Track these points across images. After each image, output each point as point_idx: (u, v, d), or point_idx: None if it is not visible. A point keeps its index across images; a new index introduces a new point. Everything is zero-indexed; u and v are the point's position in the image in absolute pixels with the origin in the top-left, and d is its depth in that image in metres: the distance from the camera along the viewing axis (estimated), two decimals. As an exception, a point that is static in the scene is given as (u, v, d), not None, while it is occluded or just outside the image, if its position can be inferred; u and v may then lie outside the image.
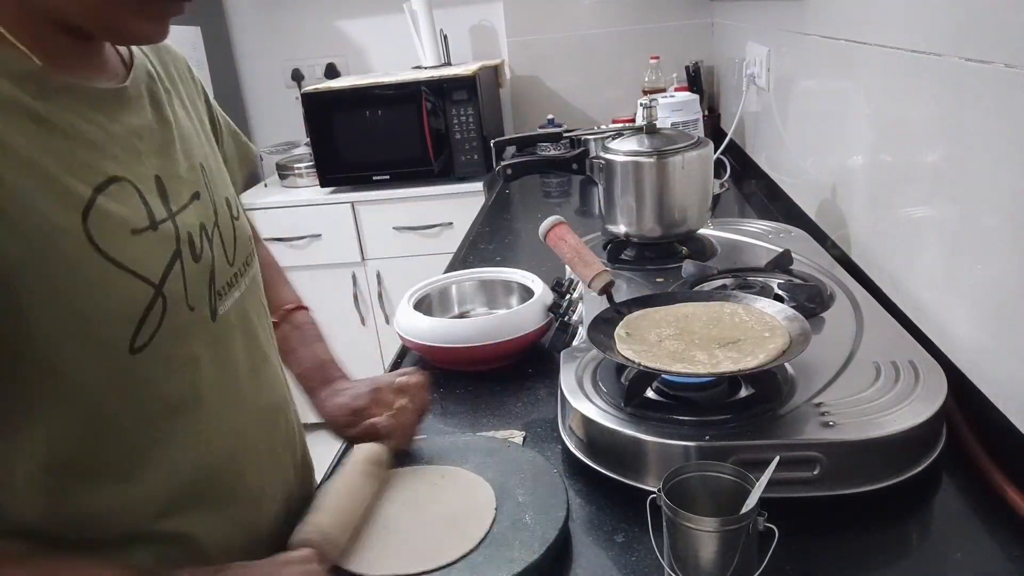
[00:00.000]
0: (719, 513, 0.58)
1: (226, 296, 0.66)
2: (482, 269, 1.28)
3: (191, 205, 0.64)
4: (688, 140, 1.16)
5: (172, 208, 0.61)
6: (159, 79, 0.68)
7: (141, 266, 0.55)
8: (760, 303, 0.86)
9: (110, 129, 0.58)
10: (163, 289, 0.57)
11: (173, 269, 0.58)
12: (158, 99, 0.66)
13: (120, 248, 0.54)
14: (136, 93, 0.63)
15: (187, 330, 0.60)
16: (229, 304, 0.67)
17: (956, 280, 0.84)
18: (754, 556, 0.59)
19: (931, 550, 0.67)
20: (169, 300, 0.57)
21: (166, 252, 0.58)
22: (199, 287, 0.62)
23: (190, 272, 0.60)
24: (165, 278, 0.57)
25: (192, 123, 0.71)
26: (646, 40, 2.71)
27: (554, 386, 0.96)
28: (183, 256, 0.60)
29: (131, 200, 0.57)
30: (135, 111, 0.62)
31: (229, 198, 0.71)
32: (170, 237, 0.59)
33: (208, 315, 0.63)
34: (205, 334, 0.63)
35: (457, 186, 2.43)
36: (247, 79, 2.99)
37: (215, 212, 0.67)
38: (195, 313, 0.61)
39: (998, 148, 0.72)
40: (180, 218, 0.61)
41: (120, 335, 0.54)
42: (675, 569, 0.60)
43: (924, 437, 0.72)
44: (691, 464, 0.64)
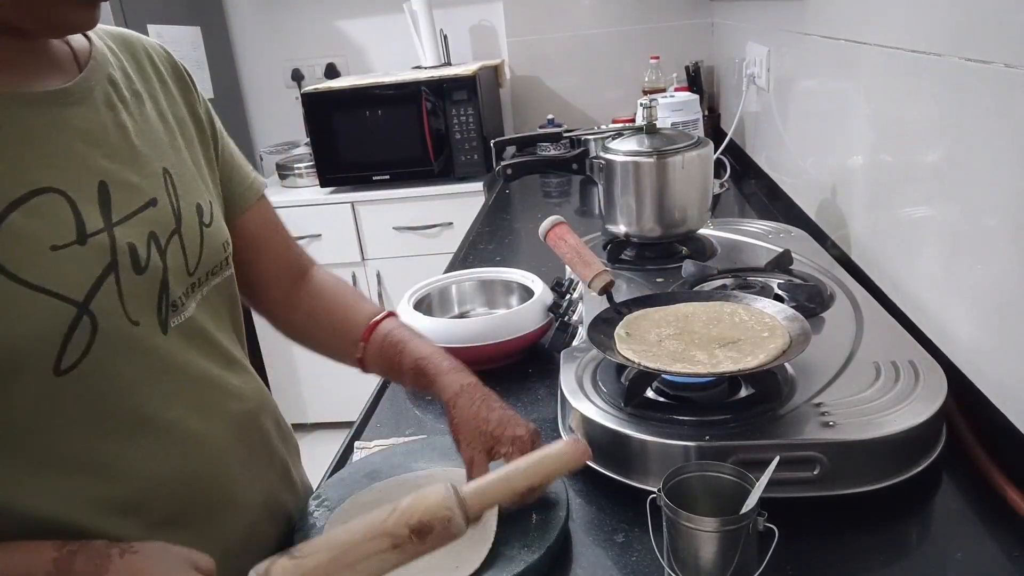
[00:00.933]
0: (719, 513, 0.58)
1: (182, 307, 0.64)
2: (482, 269, 1.28)
3: (142, 212, 0.61)
4: (688, 140, 1.16)
5: (113, 217, 0.58)
6: (127, 80, 0.65)
7: (60, 284, 0.53)
8: (760, 303, 0.86)
9: (50, 134, 0.56)
10: (89, 306, 0.54)
11: (104, 283, 0.56)
12: (115, 101, 0.63)
13: (34, 268, 0.52)
14: (84, 93, 0.60)
15: (132, 344, 0.58)
16: (187, 314, 0.64)
17: (956, 280, 0.84)
18: (754, 556, 0.59)
19: (931, 550, 0.67)
20: (100, 316, 0.55)
21: (95, 266, 0.56)
22: (142, 300, 0.59)
23: (130, 285, 0.58)
24: (93, 294, 0.55)
25: (166, 125, 0.68)
26: (646, 40, 2.71)
27: (554, 386, 0.96)
28: (119, 268, 0.57)
29: (57, 213, 0.54)
30: (83, 112, 0.59)
31: (201, 204, 0.68)
32: (103, 249, 0.56)
33: (156, 327, 0.61)
34: (155, 347, 0.60)
35: (457, 186, 2.43)
36: (247, 79, 2.99)
37: (177, 219, 0.64)
38: (141, 327, 0.59)
39: (998, 148, 0.72)
40: (121, 228, 0.58)
41: (42, 357, 0.52)
42: (675, 569, 0.60)
43: (924, 437, 0.72)
44: (691, 464, 0.64)
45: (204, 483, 0.65)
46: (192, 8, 2.63)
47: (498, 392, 1.00)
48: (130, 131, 0.63)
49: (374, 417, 0.99)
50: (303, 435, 2.79)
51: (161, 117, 0.68)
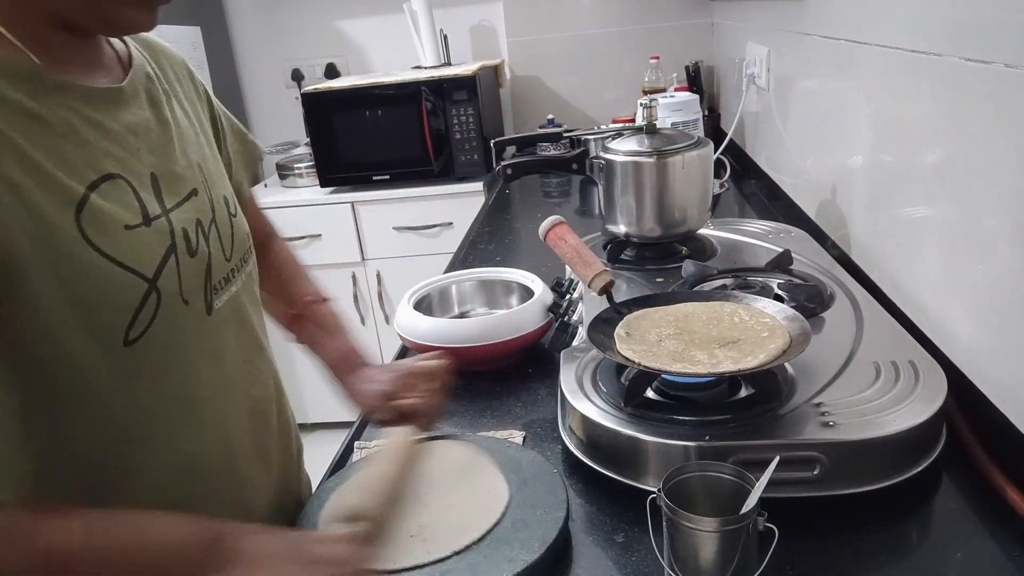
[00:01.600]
0: (719, 513, 0.58)
1: (222, 290, 0.68)
2: (482, 269, 1.28)
3: (187, 202, 0.65)
4: (688, 140, 1.16)
5: (167, 205, 0.62)
6: (158, 80, 0.69)
7: (135, 261, 0.57)
8: (760, 303, 0.86)
9: (107, 127, 0.59)
10: (157, 283, 0.58)
11: (167, 264, 0.60)
12: (156, 99, 0.67)
13: (114, 243, 0.56)
14: (133, 93, 0.64)
15: (182, 323, 0.62)
16: (225, 298, 0.68)
17: (956, 280, 0.84)
18: (754, 556, 0.59)
19: (931, 550, 0.67)
20: (163, 294, 0.59)
21: (160, 247, 0.60)
22: (194, 281, 0.63)
23: (185, 267, 0.62)
24: (159, 273, 0.59)
25: (191, 124, 0.72)
26: (646, 40, 2.71)
27: (554, 386, 0.96)
28: (178, 251, 0.61)
29: (125, 197, 0.58)
30: (132, 110, 0.63)
31: (227, 196, 0.73)
32: (164, 232, 0.61)
33: (203, 309, 0.65)
34: (200, 327, 0.64)
35: (457, 186, 2.43)
36: (247, 79, 2.99)
37: (212, 209, 0.68)
38: (190, 307, 0.63)
39: (998, 148, 0.72)
40: (175, 214, 0.63)
41: (115, 327, 0.56)
42: (675, 569, 0.60)
43: (924, 437, 0.72)
44: (691, 464, 0.64)
45: (227, 464, 0.68)
46: (192, 8, 2.63)
47: (498, 392, 1.00)
48: (170, 127, 0.67)
49: (374, 417, 0.99)
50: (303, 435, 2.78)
51: (186, 115, 0.72)
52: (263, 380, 0.75)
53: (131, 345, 0.57)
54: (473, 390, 1.02)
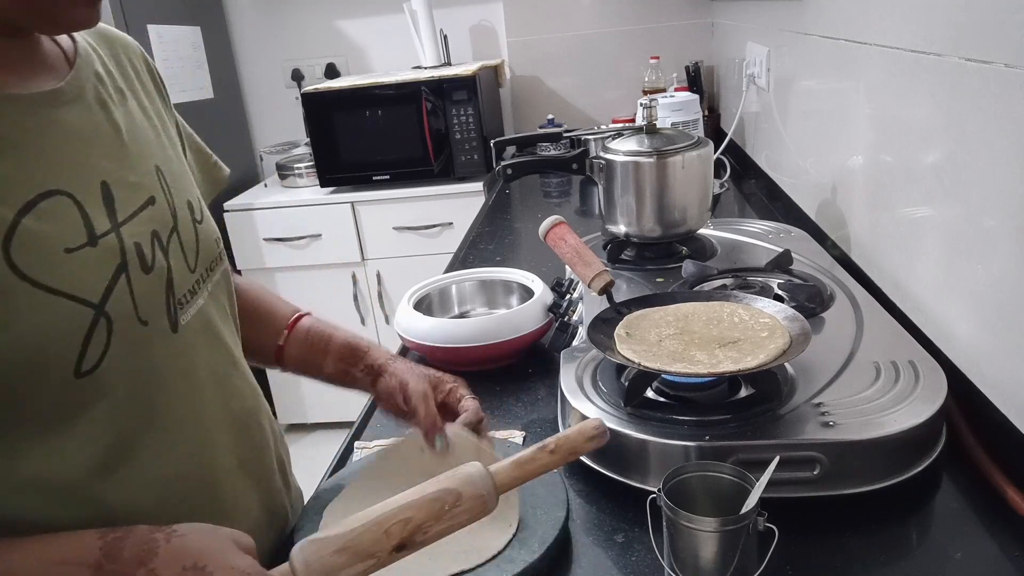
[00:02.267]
0: (719, 513, 0.58)
1: (188, 304, 0.64)
2: (482, 269, 1.28)
3: (143, 212, 0.60)
4: (688, 140, 1.16)
5: (118, 217, 0.58)
6: (109, 77, 0.64)
7: (77, 287, 0.53)
8: (760, 303, 0.86)
9: (47, 134, 0.55)
10: (105, 308, 0.54)
11: (117, 285, 0.55)
12: (107, 99, 0.62)
13: (51, 271, 0.51)
14: (77, 93, 0.59)
15: (143, 345, 0.58)
16: (192, 312, 0.64)
17: (956, 280, 0.84)
18: (754, 556, 0.59)
19: (931, 550, 0.67)
20: (115, 318, 0.55)
21: (107, 268, 0.55)
22: (152, 299, 0.59)
23: (140, 285, 0.58)
24: (107, 296, 0.54)
25: (151, 124, 0.68)
26: (646, 40, 2.71)
27: (554, 386, 0.96)
28: (129, 269, 0.57)
29: (67, 215, 0.54)
30: (77, 112, 0.58)
31: (192, 201, 0.68)
32: (113, 251, 0.56)
33: (167, 327, 0.61)
34: (165, 347, 0.60)
35: (457, 186, 2.43)
36: (247, 79, 2.99)
37: (174, 216, 0.64)
38: (150, 327, 0.58)
39: (998, 148, 0.72)
40: (127, 228, 0.58)
41: (63, 360, 0.52)
42: (675, 569, 0.60)
43: (924, 437, 0.72)
44: (691, 464, 0.64)
45: (208, 484, 0.64)
46: (192, 8, 2.63)
47: (498, 392, 1.00)
48: (122, 129, 0.62)
49: (374, 417, 0.99)
50: (303, 435, 2.79)
51: (145, 114, 0.67)
52: (241, 393, 0.71)
53: (85, 376, 0.53)
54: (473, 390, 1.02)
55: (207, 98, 2.67)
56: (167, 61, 2.42)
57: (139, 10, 2.28)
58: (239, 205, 2.52)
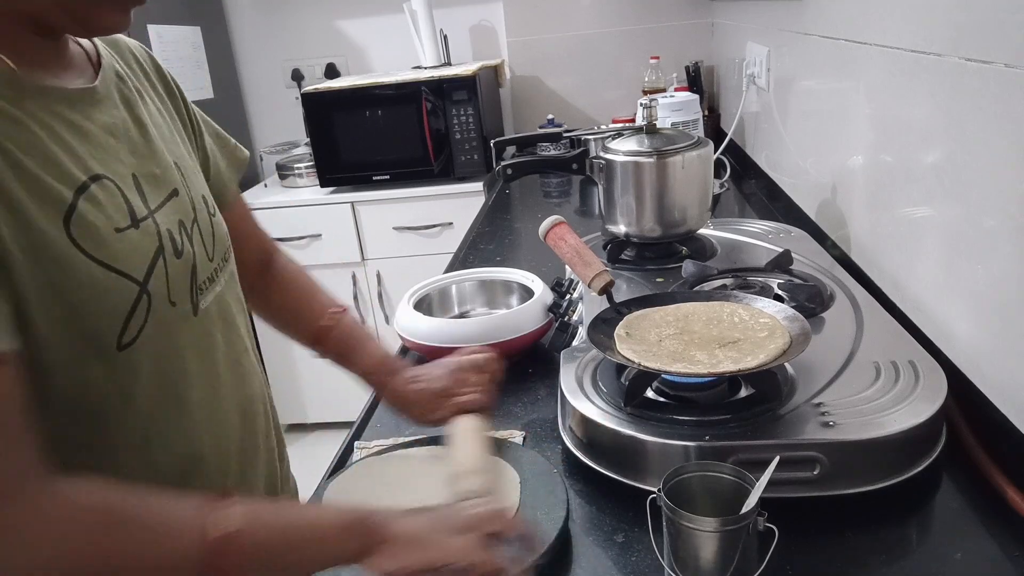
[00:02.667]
0: (719, 513, 0.58)
1: (207, 291, 0.67)
2: (482, 269, 1.28)
3: (169, 203, 0.64)
4: (688, 140, 1.16)
5: (151, 206, 0.62)
6: (128, 79, 0.68)
7: (126, 264, 0.56)
8: (760, 303, 0.86)
9: (85, 128, 0.58)
10: (147, 286, 0.58)
11: (156, 266, 0.59)
12: (129, 99, 0.66)
13: (105, 248, 0.55)
14: (106, 93, 0.63)
15: (171, 326, 0.61)
16: (210, 298, 0.68)
17: (956, 280, 0.84)
18: (754, 556, 0.59)
19: (931, 550, 0.67)
20: (153, 297, 0.58)
21: (149, 249, 0.59)
22: (181, 283, 0.63)
23: (172, 268, 0.61)
24: (149, 275, 0.58)
25: (165, 122, 0.71)
26: (646, 40, 2.71)
27: (554, 386, 0.96)
28: (165, 253, 0.61)
29: (113, 199, 0.58)
30: (107, 110, 0.62)
31: (205, 195, 0.72)
32: (152, 234, 0.60)
33: (190, 310, 0.64)
34: (188, 329, 0.64)
35: (457, 186, 2.43)
36: (247, 79, 2.99)
37: (193, 209, 0.68)
38: (177, 309, 0.62)
39: (998, 148, 0.72)
40: (159, 215, 0.62)
41: (109, 332, 0.55)
42: (675, 569, 0.60)
43: (924, 437, 0.72)
44: (691, 464, 0.64)
45: (222, 465, 0.68)
46: (192, 8, 2.62)
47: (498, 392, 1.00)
48: (146, 126, 0.66)
49: (374, 417, 0.99)
50: (303, 435, 2.79)
51: (160, 113, 0.71)
52: (251, 380, 0.75)
53: (125, 349, 0.56)
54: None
55: (207, 98, 2.67)
56: (167, 61, 2.40)
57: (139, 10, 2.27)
58: (239, 205, 2.52)
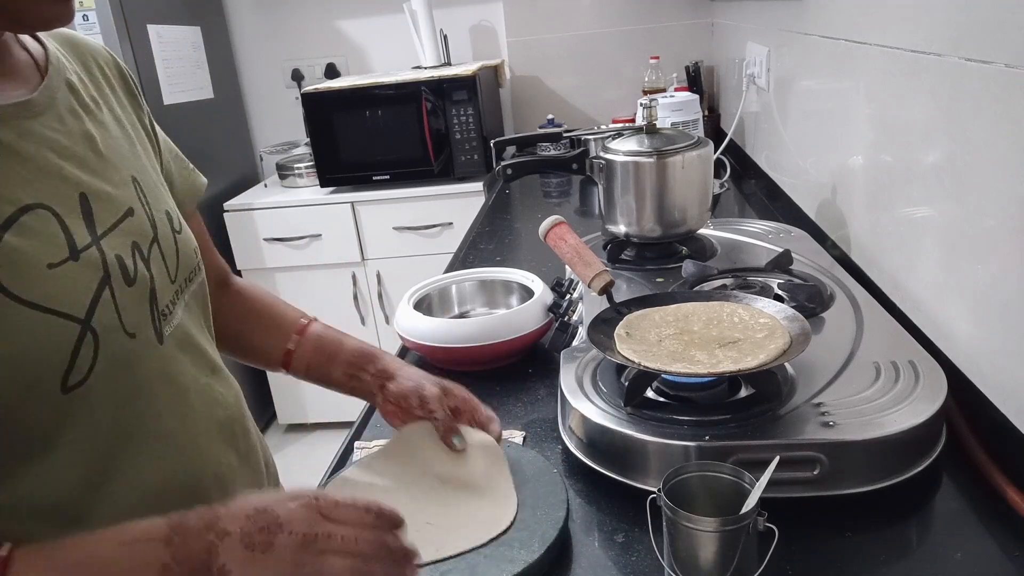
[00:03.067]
0: (719, 513, 0.58)
1: (171, 315, 0.63)
2: (482, 269, 1.28)
3: (123, 223, 0.60)
4: (688, 140, 1.16)
5: (98, 230, 0.57)
6: (82, 86, 0.63)
7: (62, 302, 0.52)
8: (760, 303, 0.86)
9: (21, 148, 0.54)
10: (91, 322, 0.53)
11: (102, 298, 0.55)
12: (78, 109, 0.61)
13: (35, 287, 0.51)
14: (49, 103, 0.58)
15: (131, 357, 0.57)
16: (175, 323, 0.64)
17: (956, 280, 0.84)
18: (754, 556, 0.59)
19: (931, 550, 0.67)
20: (101, 332, 0.54)
21: (91, 281, 0.54)
22: (137, 312, 0.58)
23: (123, 298, 0.57)
24: (92, 310, 0.54)
25: (125, 133, 0.66)
26: (646, 40, 2.72)
27: (554, 386, 0.96)
28: (112, 282, 0.56)
29: (47, 229, 0.53)
30: (50, 124, 0.57)
31: (170, 211, 0.67)
32: (95, 264, 0.55)
33: (153, 338, 0.60)
34: (152, 358, 0.60)
35: (457, 186, 2.43)
36: (247, 79, 2.99)
37: (153, 227, 0.63)
38: (137, 340, 0.58)
39: (998, 148, 0.72)
40: (108, 240, 0.57)
41: (51, 377, 0.51)
42: (675, 569, 0.60)
43: (924, 437, 0.72)
44: (691, 464, 0.64)
45: (202, 490, 0.64)
46: (192, 8, 2.63)
47: (498, 392, 1.00)
48: (97, 140, 0.61)
49: (374, 417, 0.99)
50: (303, 435, 2.79)
51: (119, 124, 0.66)
52: (224, 401, 0.70)
53: (72, 391, 0.52)
54: (473, 390, 1.02)
55: (207, 98, 2.67)
56: (167, 61, 2.41)
57: (139, 10, 2.28)
58: (239, 205, 2.52)
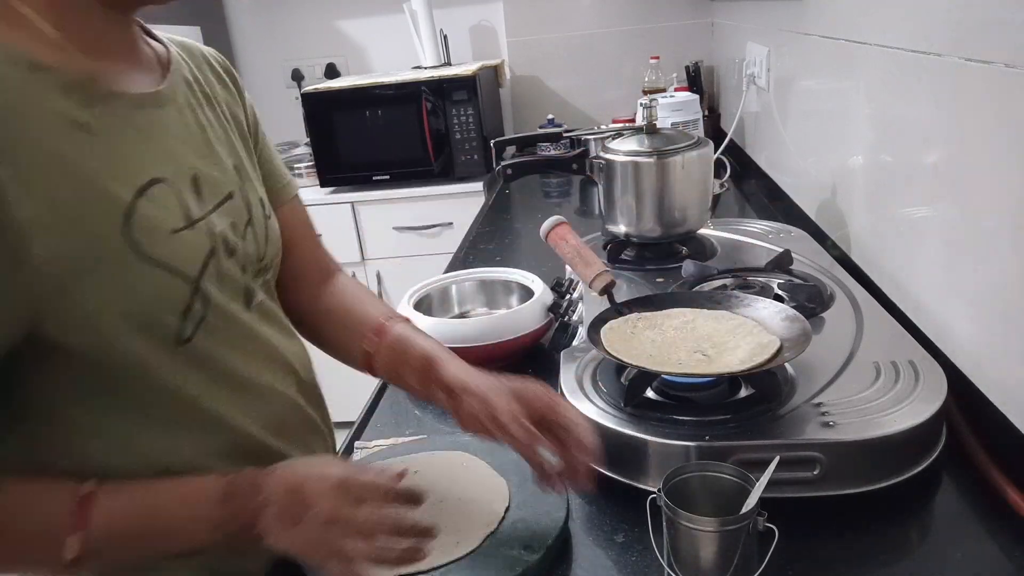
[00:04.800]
0: (719, 513, 0.58)
1: (256, 290, 0.73)
2: (482, 269, 1.28)
3: (225, 204, 0.69)
4: (688, 140, 1.16)
5: (207, 207, 0.66)
6: (198, 84, 0.72)
7: (181, 263, 0.61)
8: (760, 303, 0.86)
9: (150, 131, 0.63)
10: (200, 283, 0.63)
11: (210, 264, 0.64)
12: (193, 103, 0.70)
13: (160, 247, 0.59)
14: (172, 95, 0.67)
15: (228, 320, 0.67)
16: (261, 296, 0.73)
17: (956, 280, 0.84)
18: (754, 556, 0.59)
19: (931, 550, 0.67)
20: (207, 293, 0.63)
21: (203, 249, 0.64)
22: (233, 281, 0.68)
23: (225, 268, 0.66)
24: (202, 273, 0.63)
25: (228, 126, 0.75)
26: (646, 40, 2.71)
27: (554, 386, 0.96)
28: (218, 252, 0.65)
29: (170, 200, 0.62)
30: (171, 113, 0.66)
31: (262, 199, 0.77)
32: (205, 235, 0.64)
33: (243, 305, 0.70)
34: (243, 323, 0.69)
35: (457, 186, 2.43)
36: (247, 79, 2.99)
37: (248, 211, 0.72)
38: (233, 305, 0.68)
39: (998, 148, 0.72)
40: (214, 216, 0.66)
41: (169, 327, 0.60)
42: (675, 569, 0.60)
43: (924, 437, 0.72)
44: (691, 464, 0.64)
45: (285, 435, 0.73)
46: (192, 8, 2.63)
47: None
48: (208, 130, 0.70)
49: (374, 417, 0.99)
50: (303, 435, 2.79)
51: (223, 118, 0.75)
52: (301, 360, 0.79)
53: (186, 344, 0.62)
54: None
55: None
56: (167, 61, 2.41)
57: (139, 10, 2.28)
58: (239, 205, 2.52)
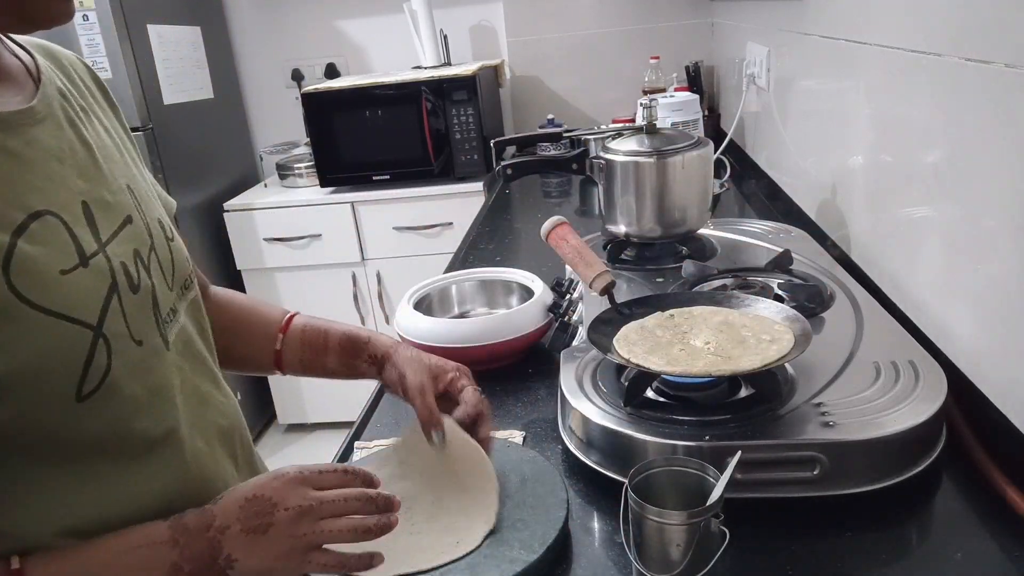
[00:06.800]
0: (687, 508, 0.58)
1: (172, 322, 0.63)
2: (482, 269, 1.28)
3: (123, 231, 0.59)
4: (688, 140, 1.16)
5: (103, 237, 0.57)
6: (71, 95, 0.62)
7: (75, 308, 0.52)
8: (760, 303, 0.86)
9: (25, 155, 0.53)
10: (102, 329, 0.53)
11: (111, 305, 0.55)
12: (72, 117, 0.60)
13: (49, 293, 0.50)
14: (47, 111, 0.57)
15: (140, 365, 0.57)
16: (176, 330, 0.64)
17: (956, 280, 0.84)
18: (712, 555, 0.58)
19: (931, 550, 0.67)
20: (112, 339, 0.54)
21: (101, 288, 0.54)
22: (143, 319, 0.58)
23: (129, 305, 0.57)
24: (103, 316, 0.54)
25: (113, 142, 0.66)
26: (646, 40, 2.71)
27: (554, 386, 0.96)
28: (120, 289, 0.56)
29: (57, 236, 0.53)
30: (49, 131, 0.57)
31: (161, 219, 0.67)
32: (104, 271, 0.55)
33: (161, 345, 0.60)
34: (161, 366, 0.60)
35: (457, 186, 2.43)
36: (247, 79, 2.99)
37: (150, 235, 0.63)
38: (145, 347, 0.58)
39: (998, 148, 0.72)
40: (112, 247, 0.57)
41: (67, 384, 0.51)
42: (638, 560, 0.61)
43: (924, 437, 0.72)
44: (658, 459, 0.64)
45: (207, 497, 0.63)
46: (192, 8, 2.63)
47: (498, 392, 1.00)
48: (93, 148, 0.61)
49: (374, 417, 0.99)
50: (303, 435, 2.79)
51: (107, 132, 0.66)
52: (225, 409, 0.70)
53: (86, 400, 0.52)
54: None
55: (207, 98, 2.67)
56: (167, 61, 2.41)
57: (139, 10, 2.28)
58: (239, 205, 2.52)
